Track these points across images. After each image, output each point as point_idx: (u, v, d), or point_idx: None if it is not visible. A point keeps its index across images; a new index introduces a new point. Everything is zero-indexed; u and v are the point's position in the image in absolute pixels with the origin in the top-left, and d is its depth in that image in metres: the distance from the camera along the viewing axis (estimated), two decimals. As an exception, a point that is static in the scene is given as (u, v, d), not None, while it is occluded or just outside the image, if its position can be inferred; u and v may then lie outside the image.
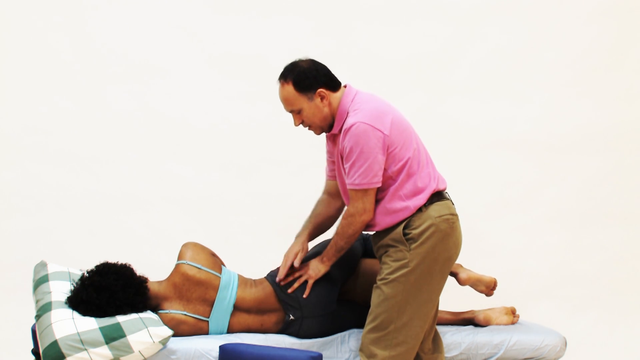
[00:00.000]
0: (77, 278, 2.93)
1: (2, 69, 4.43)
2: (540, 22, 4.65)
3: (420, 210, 2.78)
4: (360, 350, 2.82)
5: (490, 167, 4.61)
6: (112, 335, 2.60)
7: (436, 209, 2.79)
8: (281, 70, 2.83)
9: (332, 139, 2.91)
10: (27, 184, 4.40)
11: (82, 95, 4.46)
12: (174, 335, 2.79)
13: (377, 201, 2.81)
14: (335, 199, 3.07)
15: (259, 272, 3.16)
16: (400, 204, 2.77)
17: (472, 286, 3.28)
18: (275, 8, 4.55)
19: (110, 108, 4.47)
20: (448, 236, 2.79)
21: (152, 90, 4.49)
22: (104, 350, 2.57)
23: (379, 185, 2.75)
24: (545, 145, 4.64)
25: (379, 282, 2.79)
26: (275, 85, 2.85)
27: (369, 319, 2.81)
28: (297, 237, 3.06)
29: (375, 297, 2.80)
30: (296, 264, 2.97)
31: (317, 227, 3.07)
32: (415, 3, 4.61)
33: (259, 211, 4.48)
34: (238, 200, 4.50)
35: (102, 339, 2.59)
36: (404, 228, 2.77)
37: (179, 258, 2.92)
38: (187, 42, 4.52)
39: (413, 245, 2.75)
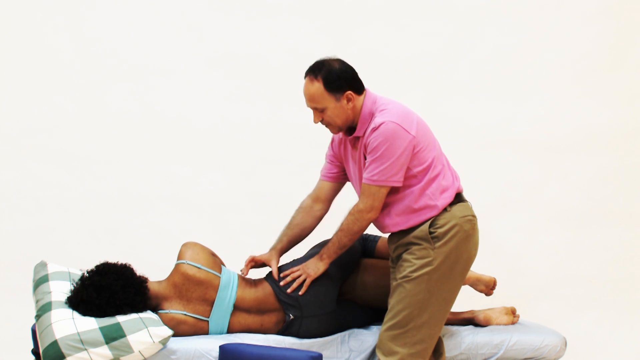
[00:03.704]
0: (77, 278, 2.92)
1: (2, 69, 4.43)
2: (541, 22, 4.65)
3: (445, 209, 2.80)
4: (378, 347, 2.81)
5: (490, 167, 4.60)
6: (112, 335, 2.60)
7: (460, 209, 2.82)
8: (280, 68, 2.83)
9: (352, 143, 2.90)
10: (27, 184, 4.40)
11: (82, 95, 4.46)
12: (174, 335, 2.79)
13: (401, 201, 2.81)
14: (319, 204, 3.07)
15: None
16: (427, 202, 2.79)
17: (471, 285, 3.28)
18: (275, 8, 4.55)
19: (110, 108, 4.48)
20: (470, 237, 2.81)
21: (152, 90, 4.49)
22: (104, 350, 2.57)
23: (398, 185, 2.76)
24: (545, 145, 4.64)
25: (400, 280, 2.79)
26: (275, 85, 2.85)
27: (387, 316, 2.80)
28: (271, 249, 3.07)
29: (396, 295, 2.79)
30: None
31: (291, 240, 3.07)
32: (416, 3, 4.61)
33: (259, 211, 4.48)
34: (238, 200, 4.50)
35: (102, 339, 2.59)
36: (429, 226, 2.78)
37: (179, 258, 2.92)
38: (187, 42, 4.53)
39: (437, 244, 2.76)
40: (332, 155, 3.06)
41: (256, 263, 3.05)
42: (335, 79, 2.75)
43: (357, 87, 2.81)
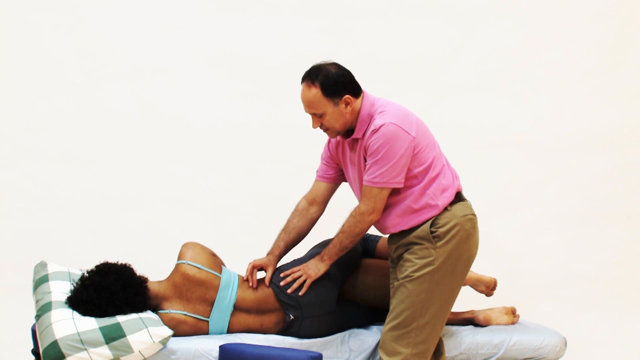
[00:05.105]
0: (77, 278, 2.92)
1: (1, 69, 4.43)
2: (540, 22, 4.65)
3: (445, 209, 2.81)
4: (380, 347, 2.81)
5: (490, 167, 4.61)
6: (112, 335, 2.60)
7: (460, 208, 2.83)
8: (280, 68, 2.83)
9: (351, 145, 2.89)
10: (27, 184, 4.40)
11: (81, 95, 4.46)
12: (174, 335, 2.79)
13: (402, 201, 2.81)
14: (314, 207, 3.07)
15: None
16: (428, 202, 2.79)
17: (472, 286, 3.28)
18: (275, 8, 4.55)
19: (110, 108, 4.48)
20: (471, 236, 2.82)
21: (152, 90, 4.50)
22: (104, 350, 2.57)
23: (399, 186, 2.76)
24: (545, 145, 4.64)
25: (401, 280, 2.79)
26: (275, 85, 2.84)
27: (390, 316, 2.80)
28: (269, 254, 3.06)
29: (398, 295, 2.79)
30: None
31: (288, 245, 3.07)
32: (415, 3, 4.61)
33: (259, 211, 4.48)
34: (238, 200, 4.50)
35: (102, 338, 2.59)
36: (430, 226, 2.78)
37: (179, 258, 2.92)
38: (187, 42, 4.53)
39: (439, 243, 2.76)
40: (328, 157, 3.06)
41: (258, 269, 3.05)
42: (332, 83, 2.75)
43: (355, 90, 2.80)
